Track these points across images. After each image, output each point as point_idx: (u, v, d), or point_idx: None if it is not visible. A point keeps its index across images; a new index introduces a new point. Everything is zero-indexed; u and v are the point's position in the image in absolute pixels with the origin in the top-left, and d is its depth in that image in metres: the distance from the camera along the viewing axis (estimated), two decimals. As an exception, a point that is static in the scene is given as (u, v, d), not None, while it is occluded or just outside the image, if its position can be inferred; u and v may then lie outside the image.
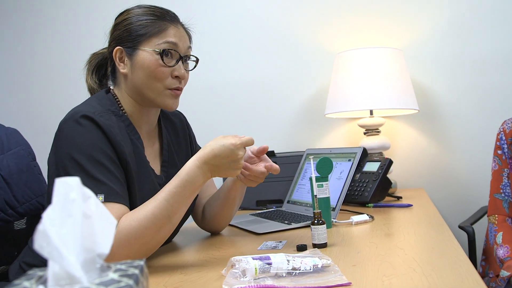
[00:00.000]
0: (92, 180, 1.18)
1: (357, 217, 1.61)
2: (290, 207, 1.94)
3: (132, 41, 1.34)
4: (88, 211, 0.60)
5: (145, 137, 1.43)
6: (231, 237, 1.57)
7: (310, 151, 2.04)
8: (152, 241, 1.19)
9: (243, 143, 1.25)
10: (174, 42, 1.35)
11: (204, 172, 1.24)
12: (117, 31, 1.37)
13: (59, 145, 1.23)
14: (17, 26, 2.94)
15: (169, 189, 1.21)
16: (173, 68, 1.35)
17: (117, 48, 1.35)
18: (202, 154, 1.24)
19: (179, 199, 1.21)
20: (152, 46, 1.33)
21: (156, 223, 1.18)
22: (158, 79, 1.34)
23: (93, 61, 1.48)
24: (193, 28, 1.49)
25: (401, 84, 2.24)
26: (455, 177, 2.46)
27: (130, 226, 1.16)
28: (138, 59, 1.33)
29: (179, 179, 1.22)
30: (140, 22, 1.35)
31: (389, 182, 2.02)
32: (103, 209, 0.63)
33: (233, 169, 1.27)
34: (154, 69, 1.33)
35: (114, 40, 1.38)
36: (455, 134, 2.45)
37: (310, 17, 2.58)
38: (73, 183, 0.59)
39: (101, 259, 0.59)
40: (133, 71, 1.35)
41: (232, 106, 2.67)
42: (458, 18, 2.44)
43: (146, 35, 1.34)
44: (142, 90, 1.35)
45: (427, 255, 1.14)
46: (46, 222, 0.53)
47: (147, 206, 1.19)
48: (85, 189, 0.62)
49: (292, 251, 1.27)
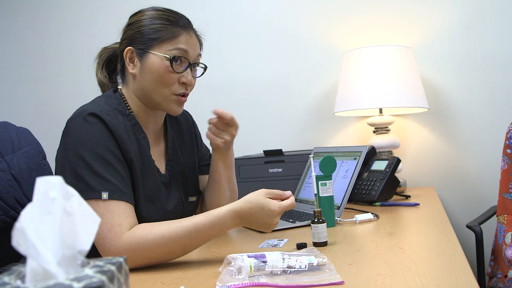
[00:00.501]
0: (98, 177, 1.20)
1: (361, 216, 1.61)
2: (297, 205, 1.94)
3: (143, 44, 1.35)
4: (71, 209, 0.61)
5: (151, 136, 1.44)
6: (235, 234, 1.59)
7: (318, 149, 2.04)
8: (159, 258, 1.21)
9: (282, 211, 1.21)
10: (185, 49, 1.36)
11: (235, 223, 1.22)
12: (130, 31, 1.39)
13: (66, 142, 1.25)
14: (26, 25, 2.98)
15: (195, 222, 1.19)
16: (181, 74, 1.36)
17: (128, 48, 1.37)
18: (239, 208, 1.20)
19: (201, 236, 1.21)
20: (163, 51, 1.34)
21: (170, 246, 1.18)
22: (166, 85, 1.35)
23: (103, 55, 1.49)
24: (205, 35, 1.50)
25: (411, 82, 2.23)
26: (465, 176, 2.44)
27: (145, 237, 1.17)
28: (148, 62, 1.35)
29: (209, 219, 1.20)
30: (153, 25, 1.36)
31: (397, 181, 2.01)
32: (86, 207, 0.64)
33: (265, 228, 1.24)
34: (163, 74, 1.34)
35: (126, 39, 1.39)
36: (465, 133, 2.43)
37: (319, 15, 2.58)
38: (55, 182, 0.60)
39: (82, 255, 0.61)
40: (142, 73, 1.36)
41: (241, 105, 2.67)
42: (468, 16, 2.42)
43: (158, 40, 1.35)
44: (148, 93, 1.37)
45: (425, 255, 1.14)
46: (23, 219, 0.55)
47: (169, 226, 1.19)
48: (68, 188, 0.63)
49: (292, 249, 1.28)
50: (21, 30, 3.00)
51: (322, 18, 2.58)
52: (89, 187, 1.19)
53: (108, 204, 1.19)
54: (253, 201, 1.20)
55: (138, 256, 1.17)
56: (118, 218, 1.18)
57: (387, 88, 2.19)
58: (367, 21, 2.52)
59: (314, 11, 2.58)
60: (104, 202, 1.19)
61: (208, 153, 1.69)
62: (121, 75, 1.45)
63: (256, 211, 1.20)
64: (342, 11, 2.55)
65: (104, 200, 1.19)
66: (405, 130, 2.50)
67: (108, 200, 1.19)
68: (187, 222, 1.20)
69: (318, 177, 1.55)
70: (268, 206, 1.20)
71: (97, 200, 1.19)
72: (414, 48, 2.40)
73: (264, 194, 1.22)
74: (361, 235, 1.43)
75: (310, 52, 2.59)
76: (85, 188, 1.19)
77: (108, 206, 1.19)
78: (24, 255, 0.54)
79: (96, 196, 1.19)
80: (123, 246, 1.16)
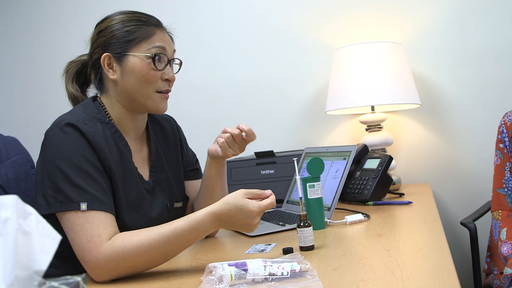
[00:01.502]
0: (76, 188, 1.19)
1: (351, 217, 1.59)
2: (289, 207, 1.92)
3: (120, 47, 1.34)
4: (27, 228, 0.60)
5: (133, 143, 1.43)
6: (223, 239, 1.57)
7: (309, 150, 2.02)
8: (140, 267, 1.19)
9: (261, 211, 1.20)
10: (163, 46, 1.37)
11: (215, 226, 1.21)
12: (102, 38, 1.37)
13: (44, 154, 1.25)
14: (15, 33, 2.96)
15: (174, 228, 1.18)
16: (163, 71, 1.37)
17: (105, 55, 1.35)
18: (217, 210, 1.19)
19: (181, 241, 1.19)
20: (142, 51, 1.34)
21: (150, 254, 1.17)
22: (149, 83, 1.35)
23: (71, 69, 1.48)
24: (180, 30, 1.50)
25: (402, 78, 2.20)
26: (460, 171, 2.41)
27: (124, 247, 1.15)
28: (128, 65, 1.34)
29: (188, 223, 1.19)
30: (126, 28, 1.35)
31: (390, 179, 1.99)
32: (45, 225, 0.62)
33: (246, 229, 1.23)
34: (146, 73, 1.34)
35: (99, 47, 1.38)
36: (458, 127, 2.40)
37: (307, 12, 2.55)
38: (9, 201, 0.59)
39: (39, 275, 0.59)
40: (124, 77, 1.35)
41: (230, 105, 2.65)
42: (458, 9, 2.39)
43: (135, 41, 1.34)
44: (133, 95, 1.36)
45: (411, 257, 1.12)
46: (-29, 243, 0.53)
47: (148, 234, 1.17)
48: (25, 206, 0.62)
49: (279, 254, 1.26)
50: (11, 38, 2.98)
51: (311, 16, 2.55)
52: (68, 199, 1.18)
53: (87, 214, 1.17)
54: (231, 202, 1.18)
55: (118, 266, 1.15)
56: (97, 228, 1.17)
57: (378, 85, 2.17)
58: (356, 18, 2.49)
59: (303, 9, 2.56)
60: (83, 213, 1.17)
61: (195, 158, 1.68)
62: (98, 85, 1.43)
63: (235, 213, 1.18)
64: (331, 8, 2.52)
65: (83, 211, 1.17)
66: (398, 127, 2.48)
67: (87, 211, 1.18)
68: (165, 228, 1.18)
69: (306, 179, 1.53)
70: (247, 207, 1.18)
71: (76, 211, 1.17)
72: (405, 44, 2.37)
73: (242, 194, 1.20)
74: (350, 237, 1.41)
75: (299, 50, 2.57)
76: (64, 200, 1.18)
77: (87, 217, 1.17)
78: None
79: (75, 207, 1.17)
80: (102, 257, 1.15)
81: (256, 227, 1.22)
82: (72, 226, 1.18)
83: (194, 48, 2.65)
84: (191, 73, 2.62)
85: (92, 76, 1.45)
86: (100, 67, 1.38)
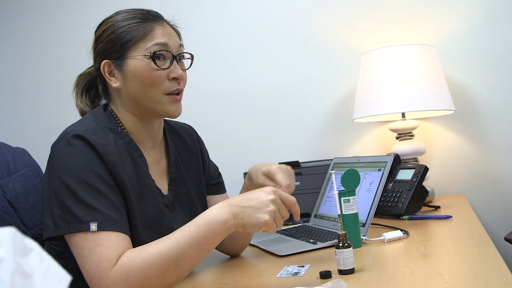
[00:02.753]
0: (84, 207, 1.08)
1: (389, 234, 1.45)
2: (318, 221, 1.79)
3: (118, 51, 1.23)
4: (28, 268, 0.48)
5: (149, 153, 1.31)
6: (250, 260, 1.44)
7: (338, 160, 1.89)
8: (154, 284, 1.06)
9: (277, 196, 1.11)
10: (164, 42, 1.24)
11: (224, 212, 1.09)
12: (100, 44, 1.27)
13: (50, 169, 1.14)
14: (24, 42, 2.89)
15: (183, 228, 1.09)
16: (169, 70, 1.24)
17: (104, 62, 1.24)
18: (230, 198, 1.14)
19: (191, 240, 1.07)
20: (141, 51, 1.22)
21: (162, 263, 1.05)
22: (155, 85, 1.22)
23: (80, 83, 1.37)
24: (202, 35, 1.37)
25: (435, 83, 2.07)
26: (497, 182, 2.26)
27: (133, 262, 1.04)
28: (128, 69, 1.23)
29: (197, 218, 1.10)
30: (122, 28, 1.24)
31: (425, 191, 1.85)
32: (51, 264, 0.50)
33: (261, 213, 1.09)
34: (148, 75, 1.21)
35: (99, 55, 1.27)
36: (496, 135, 2.26)
37: (333, 15, 2.44)
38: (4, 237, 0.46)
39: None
40: (126, 83, 1.24)
41: (254, 113, 2.54)
42: (494, 8, 2.25)
43: (132, 41, 1.22)
44: (139, 100, 1.24)
45: (470, 284, 0.97)
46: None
47: (156, 243, 1.07)
48: (25, 240, 0.49)
49: (315, 278, 1.13)
50: (19, 48, 2.91)
51: (336, 18, 2.43)
52: (76, 219, 1.06)
53: (97, 236, 1.06)
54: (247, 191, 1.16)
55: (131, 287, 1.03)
56: (107, 251, 1.05)
57: (409, 90, 2.04)
58: (385, 20, 2.37)
59: (328, 12, 2.44)
60: (93, 235, 1.05)
61: (217, 171, 1.54)
62: (104, 95, 1.32)
63: (248, 194, 1.12)
64: (358, 10, 2.40)
65: (92, 232, 1.05)
66: (430, 135, 2.34)
67: (97, 232, 1.06)
68: (174, 233, 1.08)
69: (340, 193, 1.39)
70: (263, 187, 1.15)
71: (85, 232, 1.06)
72: (437, 46, 2.24)
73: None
74: (391, 258, 1.27)
75: (325, 55, 2.45)
76: (72, 220, 1.07)
77: (97, 239, 1.05)
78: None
79: (84, 228, 1.06)
80: (112, 281, 1.03)
81: (273, 212, 1.09)
82: (81, 251, 1.06)
83: (215, 54, 2.54)
84: (210, 81, 2.51)
85: (100, 86, 1.34)
86: (103, 76, 1.26)
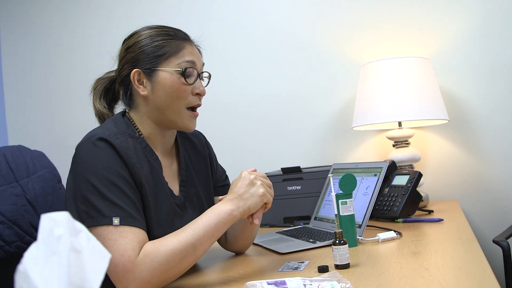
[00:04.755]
0: (108, 203, 1.18)
1: (383, 234, 1.56)
2: (317, 224, 1.90)
3: (150, 63, 1.34)
4: (78, 246, 0.58)
5: (163, 157, 1.42)
6: (254, 257, 1.54)
7: (337, 166, 2.00)
8: (175, 269, 1.18)
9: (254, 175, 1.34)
10: (193, 60, 1.36)
11: (229, 205, 1.27)
12: (131, 54, 1.37)
13: (75, 168, 1.24)
14: (36, 47, 2.99)
15: (196, 221, 1.24)
16: (193, 86, 1.36)
17: (135, 71, 1.35)
18: (225, 196, 1.33)
19: (204, 229, 1.22)
20: (173, 66, 1.33)
21: (182, 251, 1.18)
22: (180, 98, 1.34)
23: (99, 86, 1.48)
24: (205, 43, 1.49)
25: (430, 94, 2.18)
26: (489, 188, 2.37)
27: (157, 251, 1.16)
28: (159, 80, 1.33)
29: (206, 212, 1.27)
30: (155, 43, 1.35)
31: (419, 196, 1.96)
32: (96, 243, 0.61)
33: (254, 191, 1.30)
34: (177, 88, 1.33)
35: (128, 63, 1.37)
36: (488, 143, 2.36)
37: (334, 28, 2.55)
38: (60, 219, 0.57)
39: (91, 296, 0.57)
40: (154, 92, 1.34)
41: (259, 121, 2.64)
42: (486, 23, 2.36)
43: (165, 56, 1.34)
44: (164, 110, 1.35)
45: (453, 277, 1.08)
46: (27, 262, 0.51)
47: (175, 234, 1.21)
48: (76, 223, 0.60)
49: (313, 272, 1.23)
50: (32, 53, 3.01)
51: (337, 31, 2.54)
52: (100, 213, 1.16)
53: (121, 229, 1.16)
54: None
55: (154, 275, 1.14)
56: (131, 242, 1.15)
57: (405, 100, 2.15)
58: (383, 33, 2.47)
59: (329, 25, 2.55)
60: (116, 228, 1.16)
61: (224, 174, 1.66)
62: (127, 100, 1.42)
63: (235, 184, 1.34)
64: (358, 24, 2.51)
65: (115, 226, 1.16)
66: (425, 143, 2.45)
67: (120, 226, 1.16)
68: (188, 225, 1.24)
69: (338, 196, 1.50)
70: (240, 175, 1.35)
71: (108, 225, 1.16)
72: (432, 59, 2.35)
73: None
74: (384, 255, 1.38)
75: (326, 66, 2.56)
76: (96, 214, 1.16)
77: (121, 231, 1.16)
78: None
79: (107, 222, 1.16)
80: (138, 268, 1.13)
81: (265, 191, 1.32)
82: (105, 242, 1.15)
83: (218, 63, 2.64)
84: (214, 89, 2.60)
85: (121, 92, 1.44)
86: (129, 83, 1.37)
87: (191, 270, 1.41)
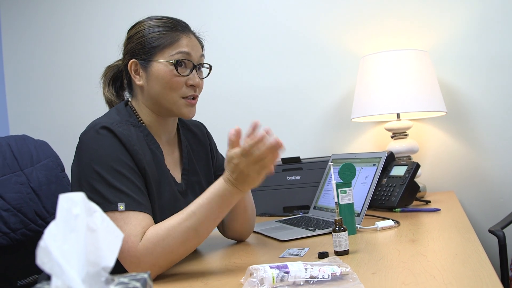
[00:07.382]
0: (113, 190, 1.21)
1: (382, 223, 1.59)
2: (317, 213, 1.93)
3: (146, 54, 1.37)
4: (93, 225, 0.61)
5: (165, 145, 1.45)
6: (255, 245, 1.58)
7: (336, 156, 2.03)
8: (178, 251, 1.21)
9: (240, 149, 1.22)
10: (187, 51, 1.38)
11: (228, 180, 1.23)
12: (131, 44, 1.41)
13: (80, 157, 1.27)
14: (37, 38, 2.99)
15: (197, 202, 1.23)
16: (188, 77, 1.38)
17: (132, 61, 1.38)
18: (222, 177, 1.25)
19: (206, 212, 1.22)
20: (166, 57, 1.36)
21: (183, 234, 1.20)
22: (173, 89, 1.36)
23: (108, 73, 1.51)
24: (207, 36, 1.51)
25: (428, 86, 2.20)
26: (486, 179, 2.40)
27: (157, 234, 1.18)
28: (153, 71, 1.36)
29: (206, 192, 1.24)
30: (152, 34, 1.37)
31: (417, 186, 1.99)
32: (109, 223, 0.64)
33: (258, 171, 1.21)
34: (169, 80, 1.35)
35: (128, 53, 1.41)
36: (484, 135, 2.40)
37: (334, 21, 2.57)
38: (77, 199, 0.60)
39: (106, 272, 0.60)
40: (149, 83, 1.37)
41: (256, 113, 2.66)
42: (485, 16, 2.39)
43: (160, 47, 1.36)
44: (158, 100, 1.38)
45: (450, 262, 1.12)
46: (47, 238, 0.54)
47: (176, 217, 1.22)
48: (90, 204, 0.63)
49: (313, 258, 1.26)
50: (33, 43, 3.02)
51: (337, 23, 2.56)
52: (105, 200, 1.19)
53: (126, 215, 1.19)
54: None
55: (158, 258, 1.18)
56: (134, 228, 1.18)
57: (404, 92, 2.18)
58: (383, 26, 2.50)
59: (329, 17, 2.57)
60: (121, 214, 1.19)
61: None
62: (129, 89, 1.47)
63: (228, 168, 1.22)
64: (357, 16, 2.53)
65: (121, 212, 1.19)
66: (423, 135, 2.48)
67: (125, 212, 1.19)
68: (189, 207, 1.23)
69: (337, 185, 1.53)
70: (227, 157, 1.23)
71: (114, 212, 1.19)
72: (431, 52, 2.37)
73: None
74: (383, 243, 1.41)
75: (326, 58, 2.58)
76: (102, 201, 1.19)
77: (126, 217, 1.19)
78: (49, 274, 0.54)
79: (112, 208, 1.19)
80: (142, 253, 1.16)
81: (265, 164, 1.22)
82: None
83: (219, 55, 2.66)
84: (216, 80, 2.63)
85: (125, 80, 1.47)
86: (129, 72, 1.40)
87: (193, 257, 1.44)
